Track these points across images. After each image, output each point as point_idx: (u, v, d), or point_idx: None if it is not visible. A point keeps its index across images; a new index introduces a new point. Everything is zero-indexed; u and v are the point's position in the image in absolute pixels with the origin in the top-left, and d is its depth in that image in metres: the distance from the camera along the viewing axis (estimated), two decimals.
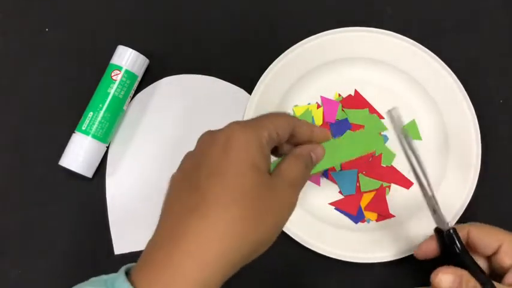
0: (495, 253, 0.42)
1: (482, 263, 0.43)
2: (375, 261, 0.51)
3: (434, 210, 0.43)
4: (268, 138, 0.35)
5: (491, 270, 0.44)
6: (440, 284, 0.40)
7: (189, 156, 0.35)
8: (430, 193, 0.42)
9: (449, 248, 0.42)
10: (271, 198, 0.33)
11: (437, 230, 0.44)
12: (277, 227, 0.34)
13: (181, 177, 0.34)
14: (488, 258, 0.44)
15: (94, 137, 0.52)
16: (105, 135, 0.53)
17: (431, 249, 0.44)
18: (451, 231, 0.42)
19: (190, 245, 0.31)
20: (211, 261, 0.31)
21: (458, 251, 0.42)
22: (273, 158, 0.38)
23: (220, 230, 0.31)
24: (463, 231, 0.43)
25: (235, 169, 0.32)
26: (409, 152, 0.42)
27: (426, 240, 0.45)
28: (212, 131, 0.35)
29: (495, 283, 0.40)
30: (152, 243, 0.33)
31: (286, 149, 0.39)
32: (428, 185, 0.42)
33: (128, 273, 0.33)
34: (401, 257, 0.50)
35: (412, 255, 0.50)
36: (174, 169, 0.56)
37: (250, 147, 0.33)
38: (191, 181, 0.33)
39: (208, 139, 0.35)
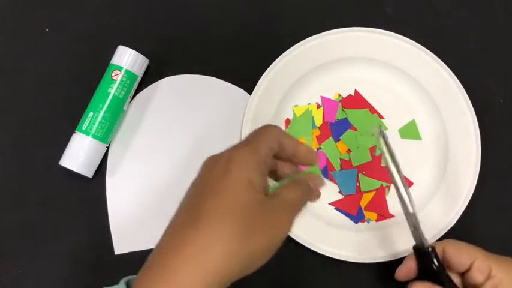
0: (468, 270, 0.43)
1: (456, 281, 0.44)
2: (375, 261, 0.51)
3: (415, 228, 0.43)
4: (264, 155, 0.36)
5: (465, 287, 0.44)
6: None
7: (193, 182, 0.37)
8: (411, 210, 0.43)
9: (428, 265, 0.43)
10: (265, 217, 0.35)
11: (416, 248, 0.44)
12: (270, 245, 0.35)
13: (185, 199, 0.36)
14: (462, 276, 0.44)
15: (94, 137, 0.52)
16: (105, 135, 0.53)
17: (412, 269, 0.45)
18: (430, 249, 0.43)
19: (187, 254, 0.32)
20: (208, 269, 0.32)
21: (436, 268, 0.42)
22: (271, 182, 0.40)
23: (214, 243, 0.32)
24: (439, 248, 0.44)
25: (232, 187, 0.34)
26: (393, 169, 0.43)
27: (405, 261, 0.46)
28: (214, 155, 0.37)
29: None
30: (153, 254, 0.35)
31: (285, 171, 0.41)
32: (410, 202, 0.43)
33: (128, 285, 0.35)
34: (401, 257, 0.50)
35: None
36: (174, 169, 0.56)
37: (248, 166, 0.35)
38: (193, 201, 0.35)
39: (210, 163, 0.37)
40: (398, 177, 0.43)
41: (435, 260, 0.42)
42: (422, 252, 0.43)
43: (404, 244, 0.50)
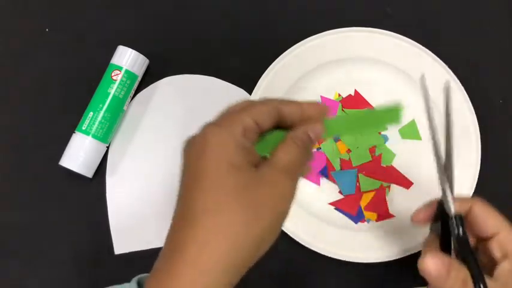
0: (487, 239, 0.40)
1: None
2: (375, 261, 0.51)
3: (444, 190, 0.39)
4: (243, 131, 0.33)
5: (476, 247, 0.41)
6: (425, 269, 0.36)
7: (180, 171, 0.34)
8: (449, 171, 0.39)
9: (449, 230, 0.39)
10: (259, 193, 0.32)
11: (441, 204, 0.40)
12: (274, 220, 0.32)
13: (178, 193, 0.34)
14: (477, 241, 0.41)
15: (94, 137, 0.52)
16: (105, 135, 0.53)
17: (428, 216, 0.41)
18: (458, 218, 0.38)
19: (188, 254, 0.31)
20: (210, 267, 0.30)
21: (459, 236, 0.38)
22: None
23: (213, 237, 0.31)
24: (466, 204, 0.40)
25: (213, 172, 0.32)
26: (432, 119, 0.38)
27: (425, 207, 0.42)
28: (190, 136, 0.34)
29: (486, 277, 0.36)
30: (160, 254, 0.33)
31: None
32: (450, 159, 0.39)
33: (140, 284, 0.34)
34: (401, 257, 0.50)
35: (411, 255, 0.50)
36: (174, 169, 0.56)
37: (225, 146, 0.32)
38: (180, 191, 0.33)
39: (187, 146, 0.34)
40: (446, 129, 0.38)
41: (461, 231, 0.38)
42: (448, 216, 0.39)
43: (405, 244, 0.51)
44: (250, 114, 0.33)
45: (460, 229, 0.38)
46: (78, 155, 0.52)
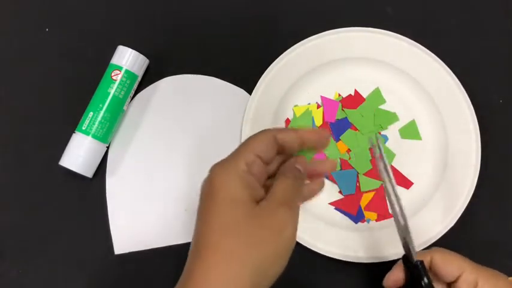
0: (455, 281, 0.43)
1: None
2: (375, 261, 0.51)
3: (405, 240, 0.43)
4: (246, 167, 0.36)
5: None
6: None
7: None
8: (402, 222, 0.42)
9: (416, 278, 0.42)
10: (259, 226, 0.34)
11: (405, 258, 0.44)
12: (278, 247, 0.35)
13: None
14: (448, 285, 0.44)
15: (94, 137, 0.52)
16: (105, 135, 0.53)
17: (400, 278, 0.44)
18: (419, 263, 0.42)
19: (194, 281, 0.33)
20: None
21: (424, 285, 0.42)
22: None
23: (212, 270, 0.33)
24: (427, 257, 0.43)
25: (217, 209, 0.34)
26: (386, 180, 0.42)
27: (393, 269, 0.45)
28: (204, 179, 0.37)
29: None
30: (179, 281, 0.35)
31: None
32: (402, 213, 0.42)
33: None
34: (400, 257, 0.50)
35: None
36: (174, 169, 0.56)
37: (229, 183, 0.35)
38: (196, 227, 0.36)
39: (201, 189, 0.37)
40: (391, 188, 0.42)
41: (424, 276, 0.42)
42: (411, 264, 0.43)
43: None
44: (250, 149, 0.36)
45: (424, 275, 0.42)
46: (78, 155, 0.52)
